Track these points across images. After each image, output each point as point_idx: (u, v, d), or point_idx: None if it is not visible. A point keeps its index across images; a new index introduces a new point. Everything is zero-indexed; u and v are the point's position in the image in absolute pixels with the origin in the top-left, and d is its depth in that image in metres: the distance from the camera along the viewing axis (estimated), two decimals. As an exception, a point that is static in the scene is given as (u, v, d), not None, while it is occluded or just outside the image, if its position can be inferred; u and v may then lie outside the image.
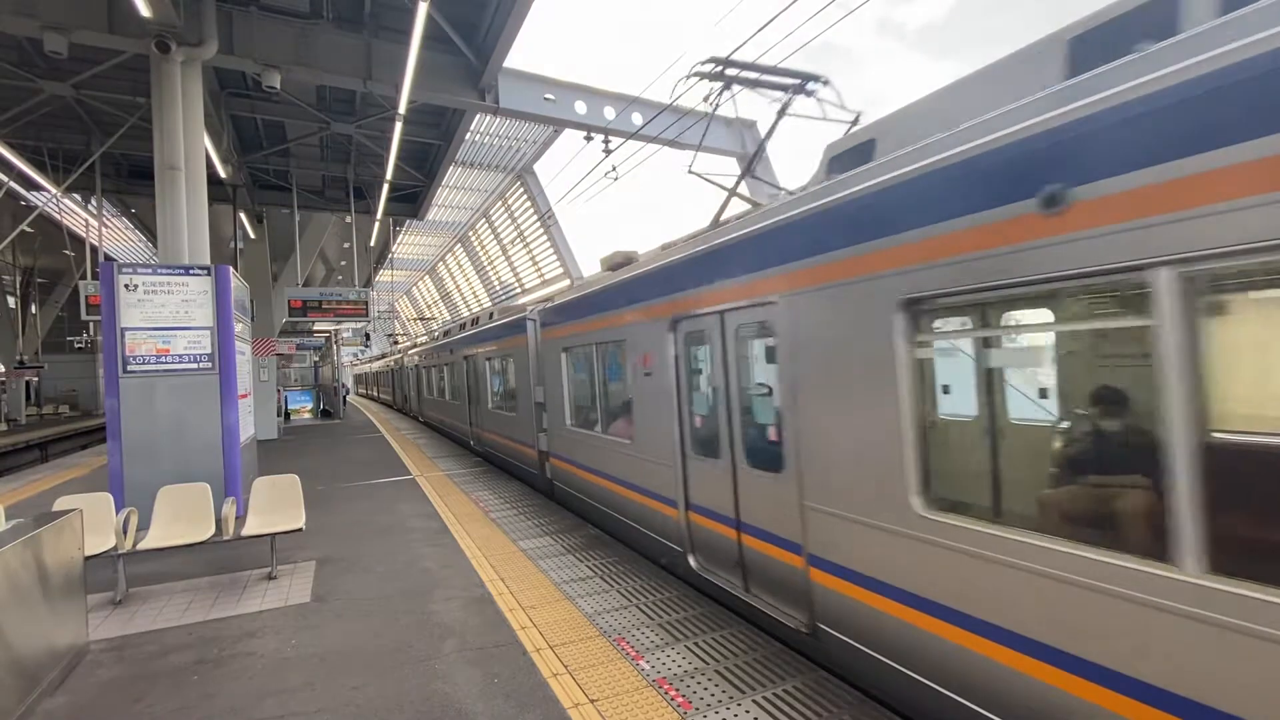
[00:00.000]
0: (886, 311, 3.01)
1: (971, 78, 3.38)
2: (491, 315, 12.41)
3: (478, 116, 15.00)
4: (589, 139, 13.14)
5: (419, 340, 30.40)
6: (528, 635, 4.23)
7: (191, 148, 8.25)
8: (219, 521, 5.58)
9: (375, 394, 42.41)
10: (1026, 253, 2.44)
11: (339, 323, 20.34)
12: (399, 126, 11.14)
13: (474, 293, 36.99)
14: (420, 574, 5.59)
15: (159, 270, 7.49)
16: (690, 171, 5.94)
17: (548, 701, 3.39)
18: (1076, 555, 2.31)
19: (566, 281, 22.98)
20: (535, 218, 25.22)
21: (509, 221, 28.20)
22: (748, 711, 3.25)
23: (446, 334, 17.65)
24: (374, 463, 12.63)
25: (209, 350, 7.59)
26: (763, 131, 16.18)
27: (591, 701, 3.38)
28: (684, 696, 3.41)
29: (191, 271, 7.60)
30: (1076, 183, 2.26)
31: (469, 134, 16.45)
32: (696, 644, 4.03)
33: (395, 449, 14.77)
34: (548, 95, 12.57)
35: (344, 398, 30.13)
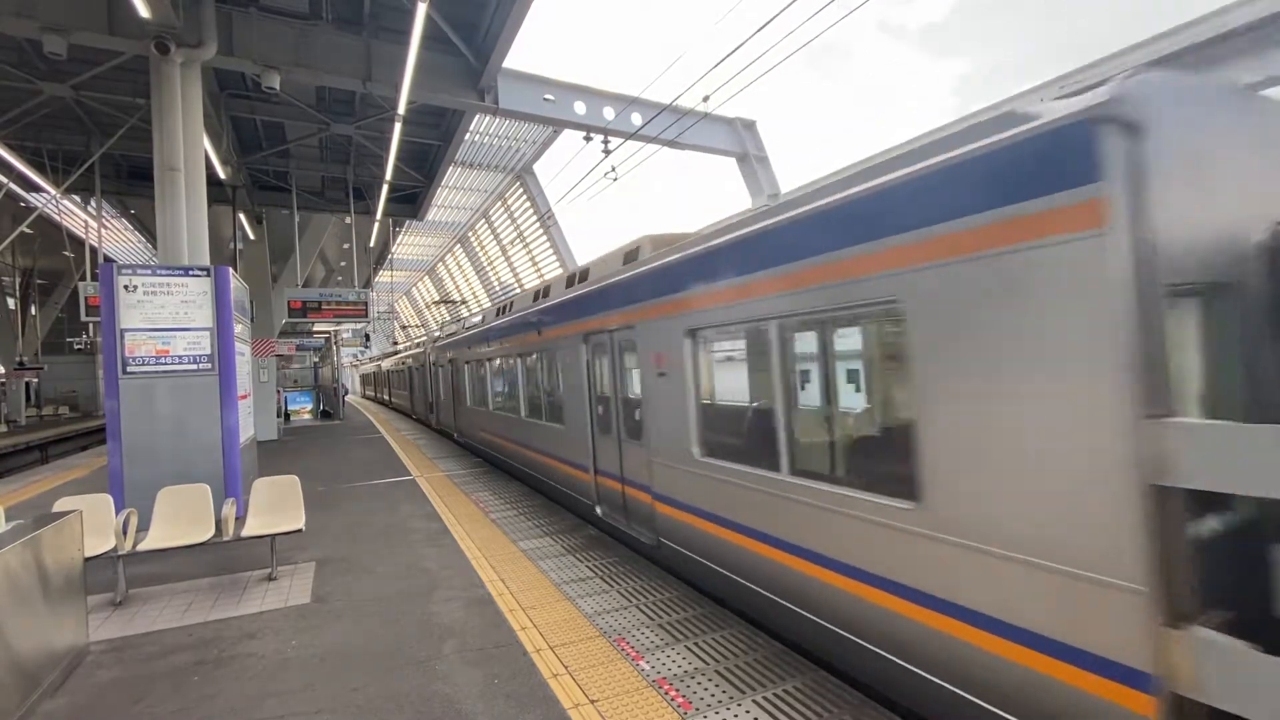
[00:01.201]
0: None
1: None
2: (634, 254, 6.32)
3: (477, 117, 15.01)
4: (588, 139, 13.15)
5: (457, 323, 22.91)
6: (528, 636, 4.23)
7: (191, 149, 8.25)
8: (219, 522, 5.58)
9: (387, 398, 34.91)
10: None
11: (338, 323, 20.33)
12: (398, 127, 11.14)
13: (474, 293, 36.97)
14: (420, 574, 5.59)
15: (158, 271, 7.49)
16: None
17: (548, 702, 3.39)
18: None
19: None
20: (535, 218, 25.21)
21: (509, 222, 28.20)
22: (748, 711, 3.25)
23: (502, 311, 11.02)
24: (374, 463, 12.62)
25: (209, 351, 7.59)
26: (762, 131, 16.22)
27: (592, 702, 3.38)
28: (684, 697, 3.41)
29: (191, 272, 7.60)
30: None
31: (468, 134, 16.46)
32: (697, 644, 4.03)
33: (395, 449, 14.76)
34: (547, 95, 12.57)
35: (343, 398, 30.16)
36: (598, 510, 6.87)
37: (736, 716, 3.22)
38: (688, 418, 4.90)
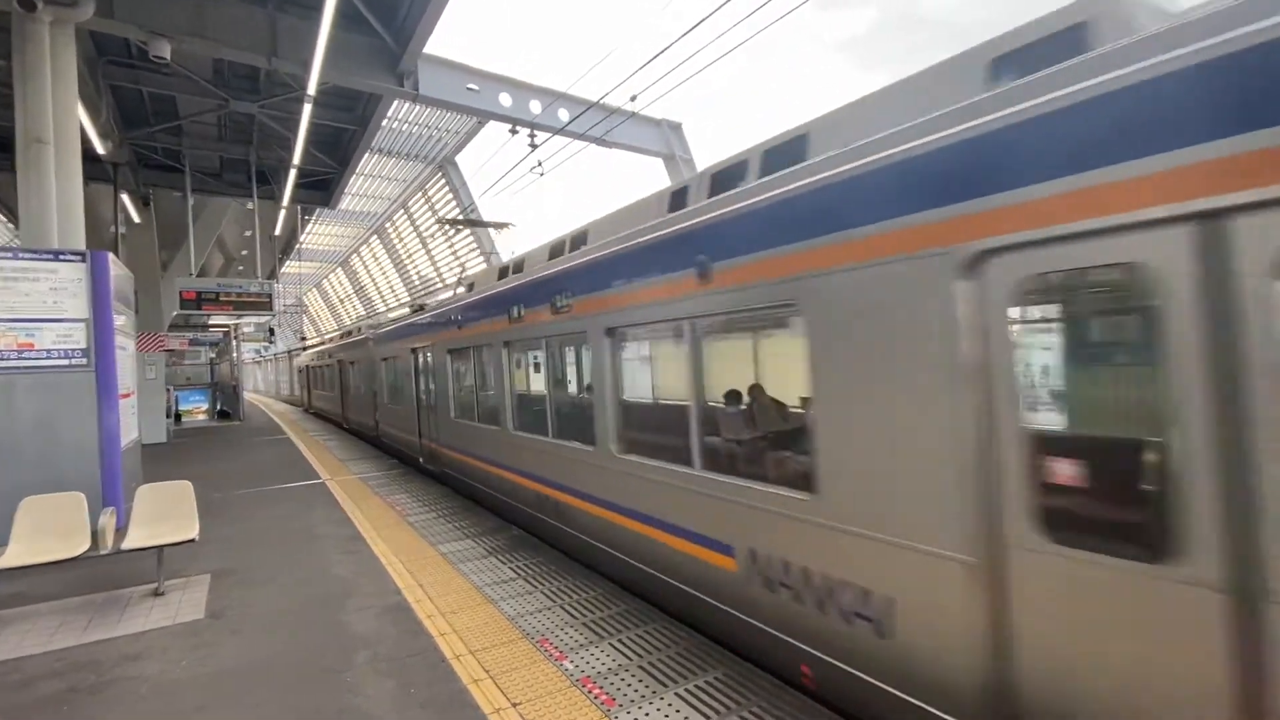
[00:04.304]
0: None
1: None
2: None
3: (396, 102, 14.36)
4: (514, 132, 12.89)
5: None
6: (447, 642, 4.10)
7: (62, 119, 7.40)
8: (95, 534, 5.04)
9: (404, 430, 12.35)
10: None
11: (239, 316, 18.84)
12: (308, 108, 10.47)
13: (390, 287, 35.39)
14: (330, 583, 5.29)
15: (20, 255, 6.67)
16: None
17: (468, 708, 3.30)
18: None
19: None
20: (458, 210, 24.44)
21: (429, 214, 27.17)
22: (670, 704, 3.30)
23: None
24: (278, 467, 11.83)
25: (84, 345, 6.85)
26: (692, 133, 16.48)
27: (514, 705, 3.32)
28: (608, 694, 3.41)
29: (62, 257, 6.83)
30: None
31: (387, 120, 15.72)
32: (620, 641, 4.05)
33: (302, 451, 13.90)
34: (471, 85, 12.21)
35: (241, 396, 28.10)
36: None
37: (659, 709, 3.26)
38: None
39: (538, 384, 7.49)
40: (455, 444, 9.00)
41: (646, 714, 3.22)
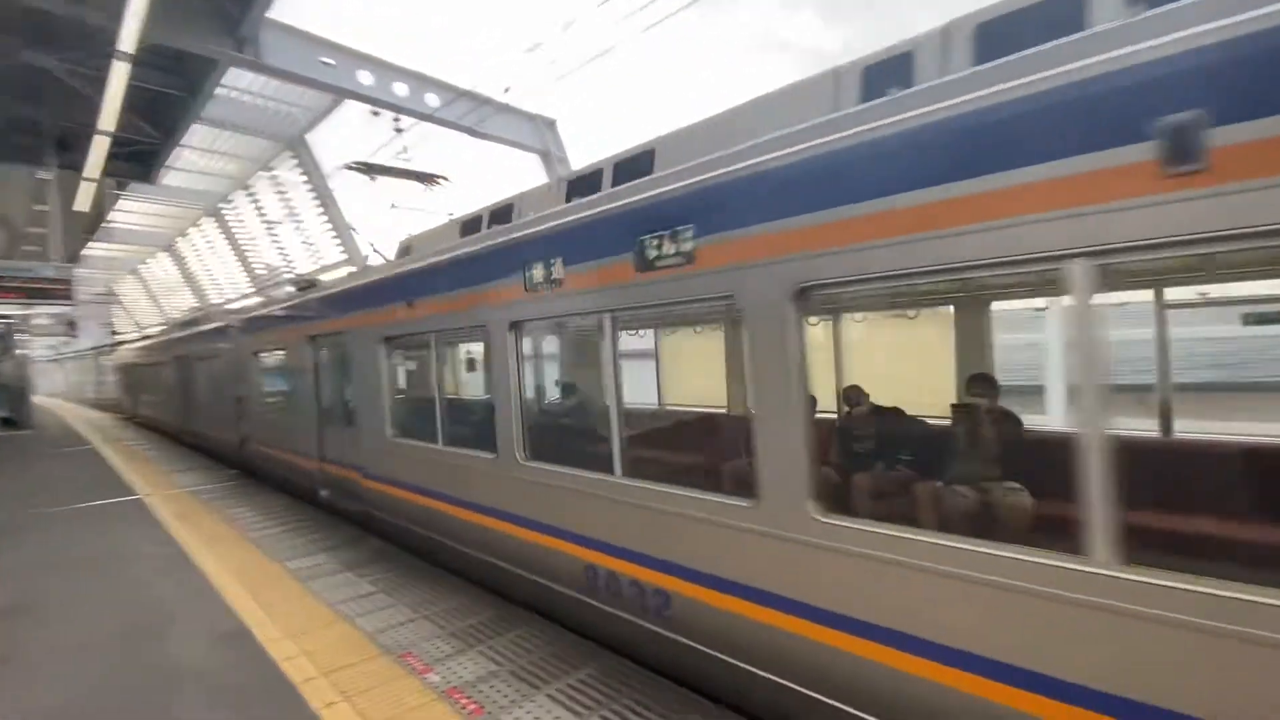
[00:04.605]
0: None
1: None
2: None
3: (239, 71, 12.83)
4: (376, 114, 12.05)
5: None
6: (294, 665, 3.74)
7: None
8: None
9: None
10: None
11: (29, 305, 15.79)
12: (123, 68, 9.02)
13: (229, 276, 31.59)
14: (147, 613, 4.63)
15: None
16: None
17: (318, 736, 3.04)
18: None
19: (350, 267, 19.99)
20: (313, 193, 22.36)
21: (277, 196, 24.59)
22: (540, 706, 3.27)
23: None
24: (83, 482, 10.12)
25: None
26: (561, 131, 16.37)
27: (371, 727, 3.11)
28: (476, 703, 3.31)
29: None
30: None
31: (224, 89, 13.97)
32: (490, 647, 3.94)
33: (113, 463, 12.02)
34: (325, 59, 11.22)
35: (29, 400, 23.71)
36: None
37: (529, 712, 3.21)
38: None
39: (583, 388, 5.31)
40: (395, 475, 6.09)
41: (517, 718, 3.17)
